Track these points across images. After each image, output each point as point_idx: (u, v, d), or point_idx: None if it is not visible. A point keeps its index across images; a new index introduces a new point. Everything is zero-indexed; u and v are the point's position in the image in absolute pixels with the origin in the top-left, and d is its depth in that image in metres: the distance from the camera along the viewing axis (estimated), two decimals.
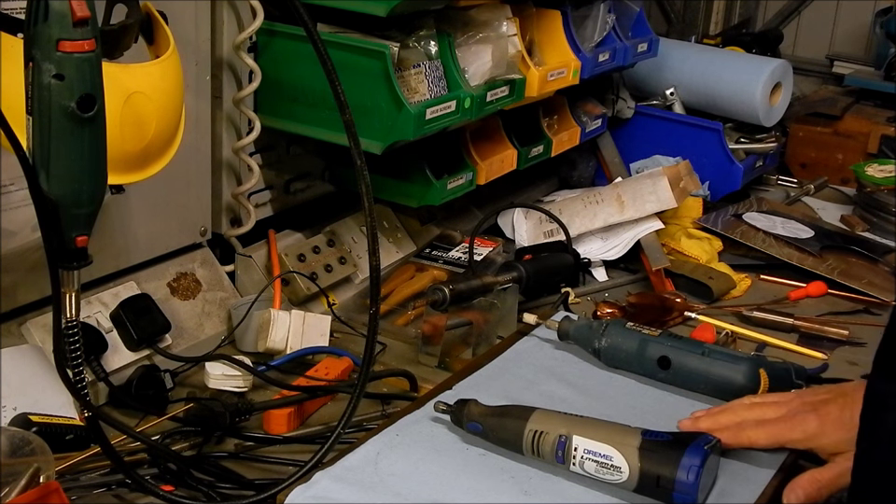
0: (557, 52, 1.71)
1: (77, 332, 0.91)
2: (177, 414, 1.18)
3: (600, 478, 1.01)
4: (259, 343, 1.35)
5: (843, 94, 2.58)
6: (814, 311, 1.60)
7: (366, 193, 1.01)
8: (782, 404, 1.10)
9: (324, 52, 0.98)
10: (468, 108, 1.45)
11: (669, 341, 1.24)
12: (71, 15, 0.81)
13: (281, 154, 1.54)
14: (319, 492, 1.00)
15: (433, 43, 1.44)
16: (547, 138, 1.80)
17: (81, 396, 0.94)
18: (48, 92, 0.82)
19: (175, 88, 1.10)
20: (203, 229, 1.43)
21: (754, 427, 1.08)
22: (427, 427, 1.12)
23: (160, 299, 1.32)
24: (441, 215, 1.81)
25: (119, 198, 1.26)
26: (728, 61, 2.20)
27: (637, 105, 2.13)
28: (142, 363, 1.26)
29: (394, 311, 1.52)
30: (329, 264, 1.53)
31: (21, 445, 0.93)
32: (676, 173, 1.74)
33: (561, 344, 1.34)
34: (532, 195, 2.00)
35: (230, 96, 1.41)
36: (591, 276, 1.72)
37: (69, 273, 0.89)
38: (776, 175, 2.29)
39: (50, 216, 0.86)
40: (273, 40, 1.42)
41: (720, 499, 1.03)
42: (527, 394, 1.20)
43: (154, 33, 1.12)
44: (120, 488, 1.05)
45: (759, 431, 1.07)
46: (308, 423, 1.23)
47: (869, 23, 2.95)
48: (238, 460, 1.14)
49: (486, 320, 1.42)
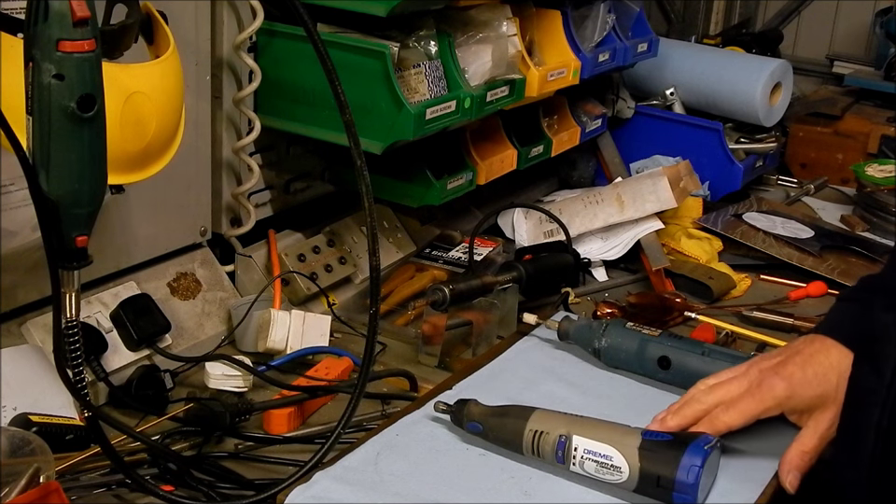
0: (557, 52, 1.71)
1: (77, 332, 0.91)
2: (177, 414, 1.18)
3: (600, 478, 1.01)
4: (259, 343, 1.35)
5: (843, 94, 2.58)
6: (814, 311, 1.60)
7: (366, 193, 1.01)
8: (741, 377, 1.08)
9: (324, 52, 0.98)
10: (468, 108, 1.45)
11: (669, 341, 1.24)
12: (71, 15, 0.81)
13: (281, 154, 1.54)
14: (319, 492, 1.00)
15: (433, 43, 1.44)
16: (547, 138, 1.80)
17: (81, 396, 0.94)
18: (48, 92, 0.82)
19: (175, 88, 1.10)
20: (202, 229, 1.43)
21: (725, 410, 1.06)
22: (427, 427, 1.12)
23: (160, 299, 1.32)
24: (441, 215, 1.81)
25: (118, 198, 1.26)
26: (728, 61, 2.20)
27: (637, 105, 2.13)
28: (142, 363, 1.26)
29: (394, 311, 1.52)
30: (329, 264, 1.53)
31: (21, 445, 0.93)
32: (676, 173, 1.74)
33: (561, 344, 1.34)
34: (532, 195, 2.00)
35: (230, 96, 1.41)
36: (591, 276, 1.72)
37: (69, 273, 0.89)
38: (776, 174, 2.29)
39: (50, 216, 0.86)
40: (272, 40, 1.42)
41: (720, 499, 1.03)
42: (527, 394, 1.20)
43: (154, 33, 1.12)
44: (120, 488, 1.05)
45: (731, 413, 1.05)
46: (308, 423, 1.23)
47: (869, 23, 2.95)
48: (238, 460, 1.14)
49: (486, 320, 1.42)
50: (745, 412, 1.05)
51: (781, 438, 1.14)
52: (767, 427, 1.16)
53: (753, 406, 1.05)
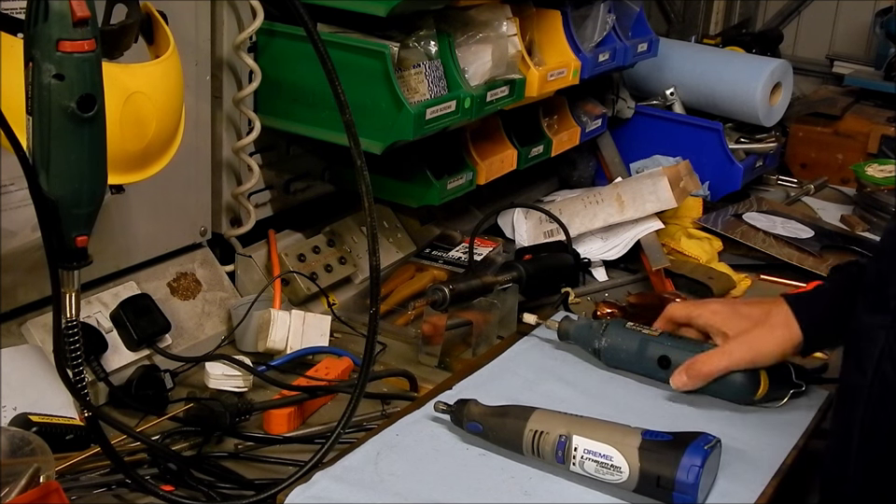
0: (557, 52, 1.71)
1: (77, 332, 0.91)
2: (177, 414, 1.18)
3: (600, 478, 1.01)
4: (259, 343, 1.35)
5: (843, 94, 2.58)
6: None
7: (366, 193, 1.01)
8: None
9: (324, 52, 0.98)
10: (468, 108, 1.45)
11: (669, 340, 1.24)
12: (71, 15, 0.81)
13: (281, 154, 1.54)
14: (319, 492, 1.00)
15: (433, 43, 1.44)
16: (547, 138, 1.80)
17: (81, 396, 0.94)
18: (48, 92, 0.82)
19: (175, 88, 1.10)
20: (202, 229, 1.43)
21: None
22: (427, 427, 1.12)
23: (160, 299, 1.32)
24: (441, 215, 1.81)
25: (118, 198, 1.26)
26: (728, 61, 2.20)
27: (637, 104, 2.13)
28: (142, 363, 1.26)
29: (394, 311, 1.52)
30: (329, 264, 1.53)
31: (21, 445, 0.93)
32: (676, 173, 1.74)
33: (561, 344, 1.34)
34: (532, 195, 2.00)
35: (230, 96, 1.41)
36: (591, 276, 1.72)
37: (69, 272, 0.89)
38: (776, 174, 2.30)
39: (50, 215, 0.86)
40: (272, 40, 1.42)
41: (720, 499, 1.03)
42: (527, 394, 1.20)
43: (154, 33, 1.12)
44: (120, 488, 1.05)
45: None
46: (308, 423, 1.23)
47: (869, 23, 2.95)
48: (238, 460, 1.14)
49: (486, 320, 1.42)
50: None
51: (781, 438, 1.15)
52: (768, 427, 1.16)
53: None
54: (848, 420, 0.91)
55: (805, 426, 1.18)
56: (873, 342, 0.88)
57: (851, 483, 0.91)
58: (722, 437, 1.05)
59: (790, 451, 1.12)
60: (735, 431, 1.13)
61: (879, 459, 0.89)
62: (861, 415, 0.89)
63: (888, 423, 0.88)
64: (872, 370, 0.88)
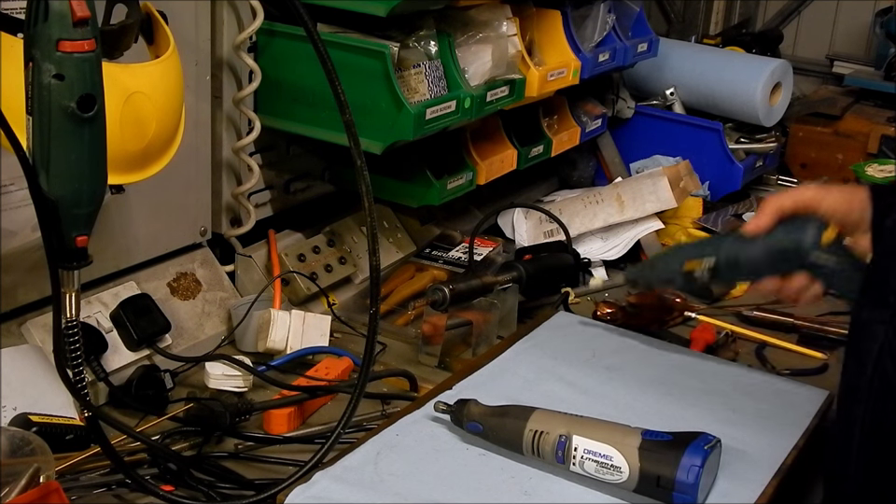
0: (557, 52, 1.71)
1: (77, 332, 0.91)
2: (177, 414, 1.18)
3: (600, 478, 1.01)
4: (259, 343, 1.35)
5: (843, 94, 2.58)
6: (814, 311, 1.60)
7: (366, 193, 1.01)
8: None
9: (324, 52, 0.98)
10: (468, 108, 1.45)
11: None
12: (71, 15, 0.81)
13: (281, 154, 1.54)
14: (319, 492, 1.00)
15: (433, 43, 1.44)
16: (547, 138, 1.80)
17: (81, 396, 0.94)
18: (48, 92, 0.82)
19: (175, 88, 1.10)
20: (202, 229, 1.43)
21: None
22: (427, 427, 1.12)
23: (160, 299, 1.32)
24: (441, 215, 1.81)
25: (118, 198, 1.26)
26: (728, 61, 2.20)
27: (637, 104, 2.13)
28: (142, 363, 1.26)
29: (394, 311, 1.52)
30: (329, 264, 1.53)
31: (21, 445, 0.93)
32: (676, 173, 1.74)
33: (561, 344, 1.34)
34: (532, 195, 2.00)
35: (230, 96, 1.41)
36: (591, 276, 1.71)
37: (69, 272, 0.89)
38: (776, 174, 2.29)
39: (50, 215, 0.86)
40: (273, 40, 1.42)
41: (720, 499, 1.03)
42: (527, 394, 1.20)
43: (154, 33, 1.12)
44: (120, 488, 1.05)
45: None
46: (308, 423, 1.23)
47: (869, 23, 2.95)
48: (238, 460, 1.14)
49: (486, 320, 1.42)
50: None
51: (781, 438, 1.15)
52: (767, 427, 1.16)
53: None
54: (849, 417, 0.91)
55: (805, 426, 1.18)
56: (873, 338, 0.89)
57: (852, 480, 0.91)
58: (722, 437, 1.05)
59: (790, 451, 1.12)
60: (734, 431, 1.13)
61: (880, 456, 0.89)
62: (861, 413, 0.89)
63: (888, 420, 0.88)
64: (871, 366, 0.88)
